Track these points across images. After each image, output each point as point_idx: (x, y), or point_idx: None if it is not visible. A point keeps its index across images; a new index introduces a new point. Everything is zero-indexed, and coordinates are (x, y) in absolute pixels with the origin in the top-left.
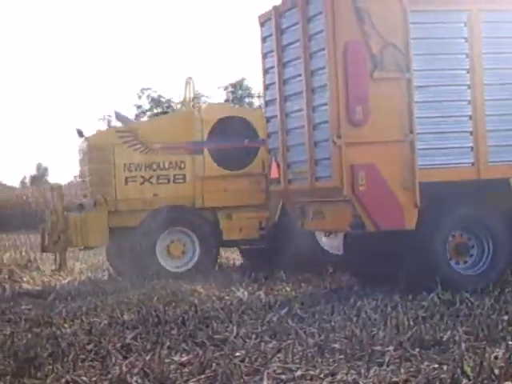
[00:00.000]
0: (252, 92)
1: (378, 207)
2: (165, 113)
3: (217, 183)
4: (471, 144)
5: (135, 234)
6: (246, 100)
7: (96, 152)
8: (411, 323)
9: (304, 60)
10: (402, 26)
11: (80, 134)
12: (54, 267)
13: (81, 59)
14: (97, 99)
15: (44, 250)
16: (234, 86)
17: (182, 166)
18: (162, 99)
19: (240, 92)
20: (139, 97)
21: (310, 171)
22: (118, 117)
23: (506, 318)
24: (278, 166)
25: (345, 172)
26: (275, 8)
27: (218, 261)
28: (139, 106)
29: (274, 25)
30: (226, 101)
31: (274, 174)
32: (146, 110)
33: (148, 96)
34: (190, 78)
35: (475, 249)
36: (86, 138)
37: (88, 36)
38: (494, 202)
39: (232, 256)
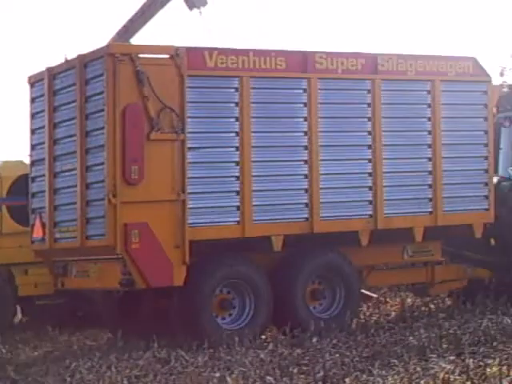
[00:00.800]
0: None
1: (149, 265)
2: None
3: (13, 240)
4: (237, 203)
5: None
6: None
7: None
8: (125, 383)
9: (79, 121)
10: (179, 90)
11: None
12: None
13: None
14: None
15: None
16: None
17: None
18: None
19: None
20: None
21: (80, 230)
22: None
23: (217, 375)
24: (43, 225)
25: (119, 230)
26: (49, 69)
27: None
28: None
29: (46, 86)
30: None
31: (37, 233)
32: None
33: None
34: None
35: (237, 305)
36: None
37: None
38: (257, 260)
39: None
